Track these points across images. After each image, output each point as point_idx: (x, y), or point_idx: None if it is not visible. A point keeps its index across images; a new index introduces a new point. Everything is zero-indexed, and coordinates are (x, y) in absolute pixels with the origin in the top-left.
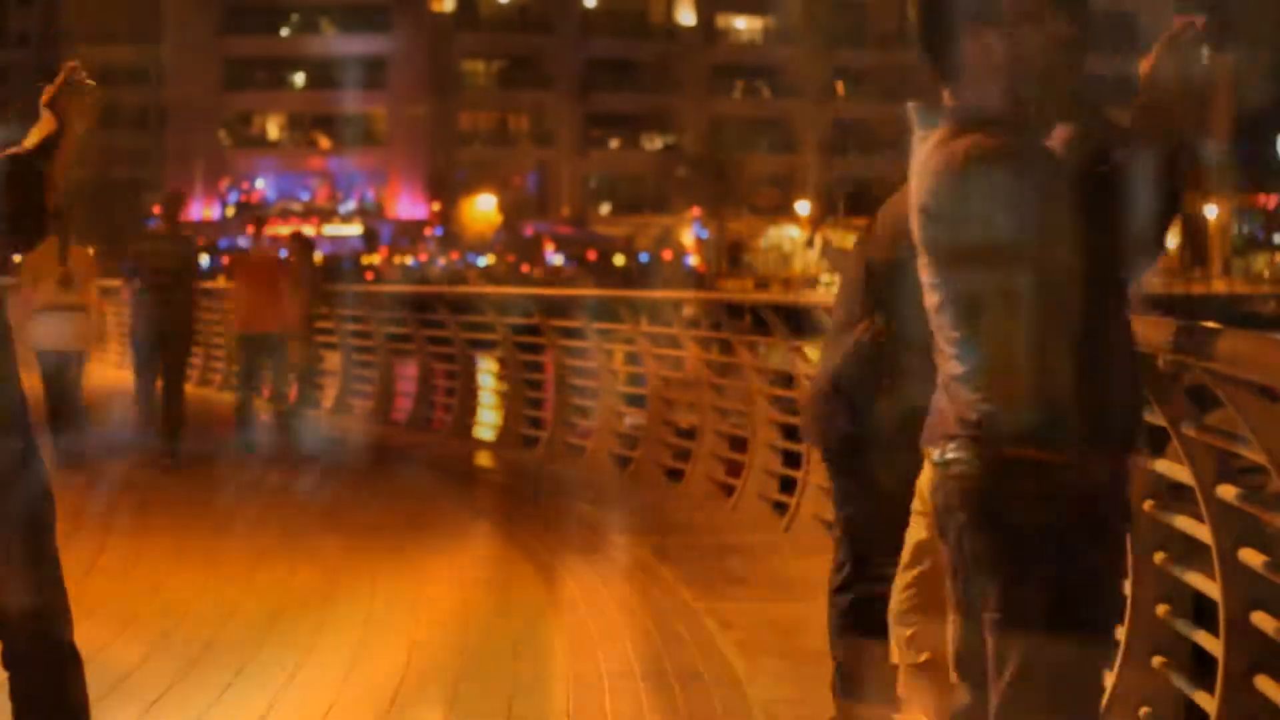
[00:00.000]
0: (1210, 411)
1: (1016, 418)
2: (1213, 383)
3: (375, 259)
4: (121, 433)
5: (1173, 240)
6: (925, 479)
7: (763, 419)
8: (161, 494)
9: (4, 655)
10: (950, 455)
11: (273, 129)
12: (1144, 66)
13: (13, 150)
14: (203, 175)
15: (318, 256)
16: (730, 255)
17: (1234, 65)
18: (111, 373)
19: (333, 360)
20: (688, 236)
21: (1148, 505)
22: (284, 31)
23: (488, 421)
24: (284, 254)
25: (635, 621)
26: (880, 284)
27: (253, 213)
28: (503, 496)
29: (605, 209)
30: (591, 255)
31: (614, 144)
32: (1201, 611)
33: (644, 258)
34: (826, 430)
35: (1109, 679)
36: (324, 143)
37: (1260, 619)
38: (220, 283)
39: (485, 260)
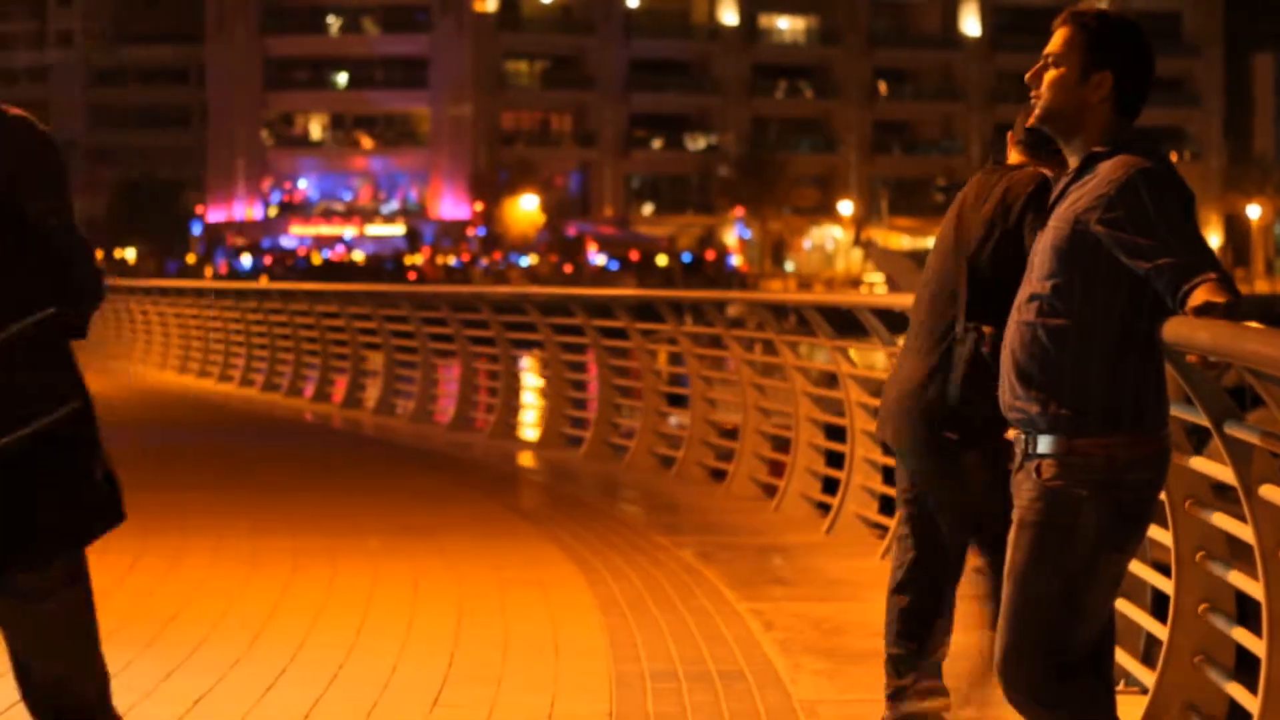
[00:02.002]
0: (1252, 410)
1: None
2: (1254, 382)
3: (418, 259)
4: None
5: (1215, 240)
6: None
7: (805, 419)
8: (201, 494)
9: None
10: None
11: (315, 129)
12: None
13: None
14: (245, 175)
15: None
16: (773, 255)
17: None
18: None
19: (375, 361)
20: (730, 236)
21: (1189, 504)
22: (326, 31)
23: (530, 421)
24: None
25: (678, 621)
26: (989, 292)
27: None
28: (545, 496)
29: (648, 209)
30: (634, 255)
31: (656, 144)
32: (1244, 611)
33: (687, 258)
34: (928, 437)
35: (1151, 678)
36: (366, 142)
37: None
38: (263, 282)
39: (528, 260)
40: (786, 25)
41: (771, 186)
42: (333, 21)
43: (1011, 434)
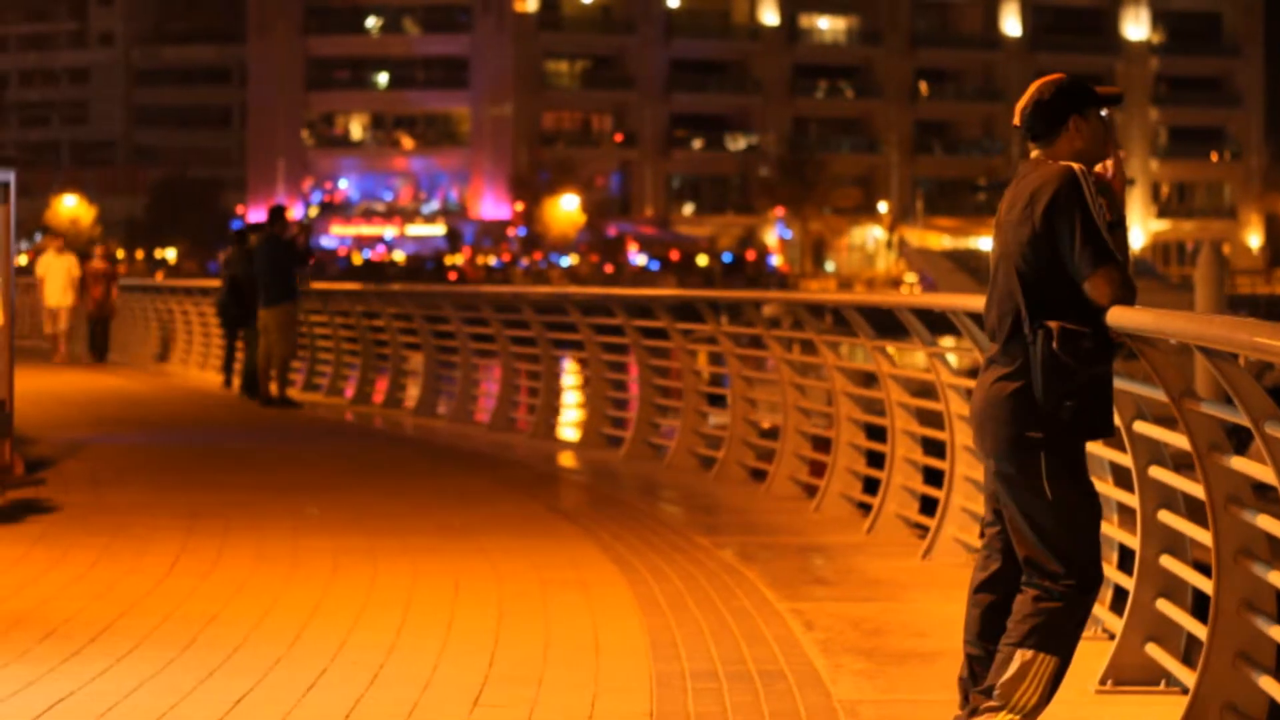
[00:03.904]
0: None
1: None
2: None
3: (458, 259)
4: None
5: (1256, 240)
6: None
7: (846, 419)
8: (242, 493)
9: None
10: None
11: (355, 129)
12: None
13: None
14: (285, 175)
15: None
16: (813, 255)
17: None
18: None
19: (416, 361)
20: (770, 237)
21: (1230, 505)
22: (366, 31)
23: (571, 421)
24: None
25: (718, 621)
26: (1042, 291)
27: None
28: (586, 496)
29: (688, 209)
30: (674, 255)
31: (697, 144)
32: None
33: (727, 258)
34: (1012, 437)
35: (1191, 678)
36: (407, 143)
37: None
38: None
39: (568, 260)
40: (827, 25)
41: (812, 187)
42: (374, 21)
43: None
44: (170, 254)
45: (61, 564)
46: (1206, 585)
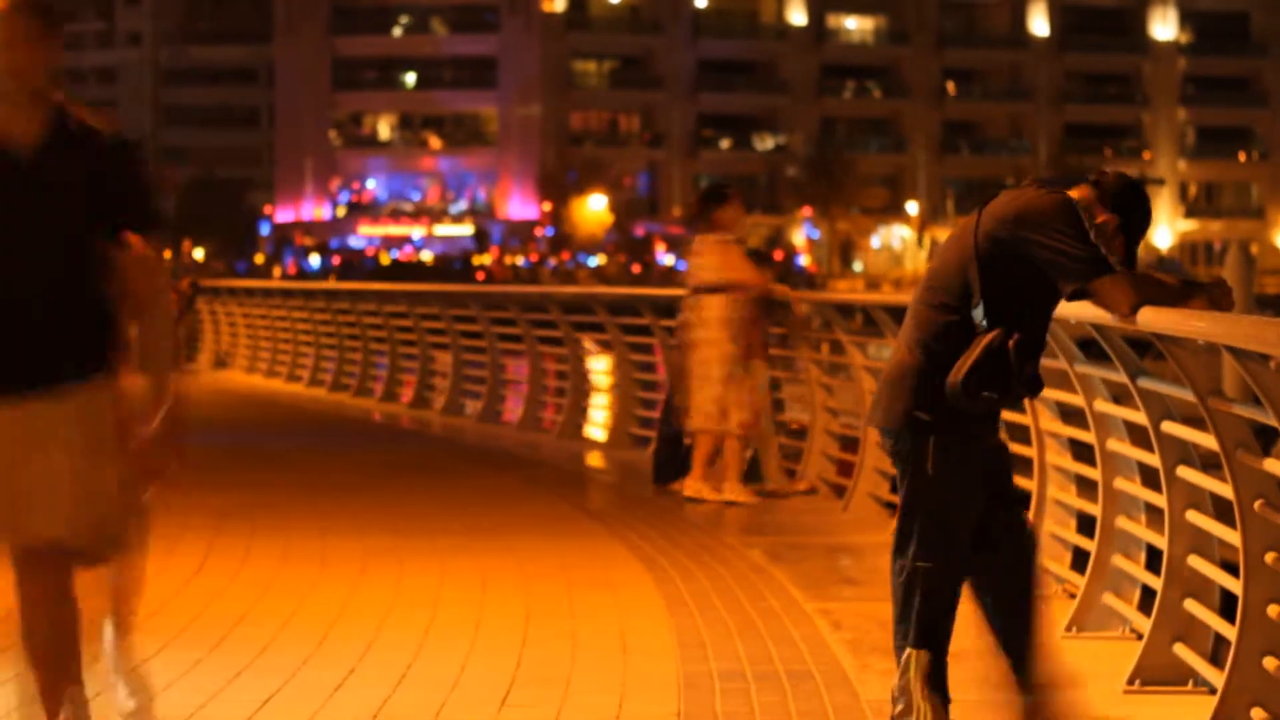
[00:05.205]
0: None
1: None
2: None
3: (486, 259)
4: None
5: None
6: None
7: None
8: (269, 494)
9: None
10: None
11: (383, 129)
12: None
13: None
14: (313, 175)
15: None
16: (841, 255)
17: None
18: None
19: (444, 361)
20: (798, 237)
21: (1258, 505)
22: (394, 31)
23: (598, 421)
24: None
25: (745, 621)
26: (1009, 295)
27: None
28: (613, 496)
29: None
30: None
31: (724, 144)
32: None
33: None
34: (905, 413)
35: (1220, 678)
36: (435, 143)
37: None
38: (331, 282)
39: (596, 260)
40: (855, 25)
41: (840, 187)
42: (401, 21)
43: None
44: (198, 254)
45: None
46: (1234, 585)
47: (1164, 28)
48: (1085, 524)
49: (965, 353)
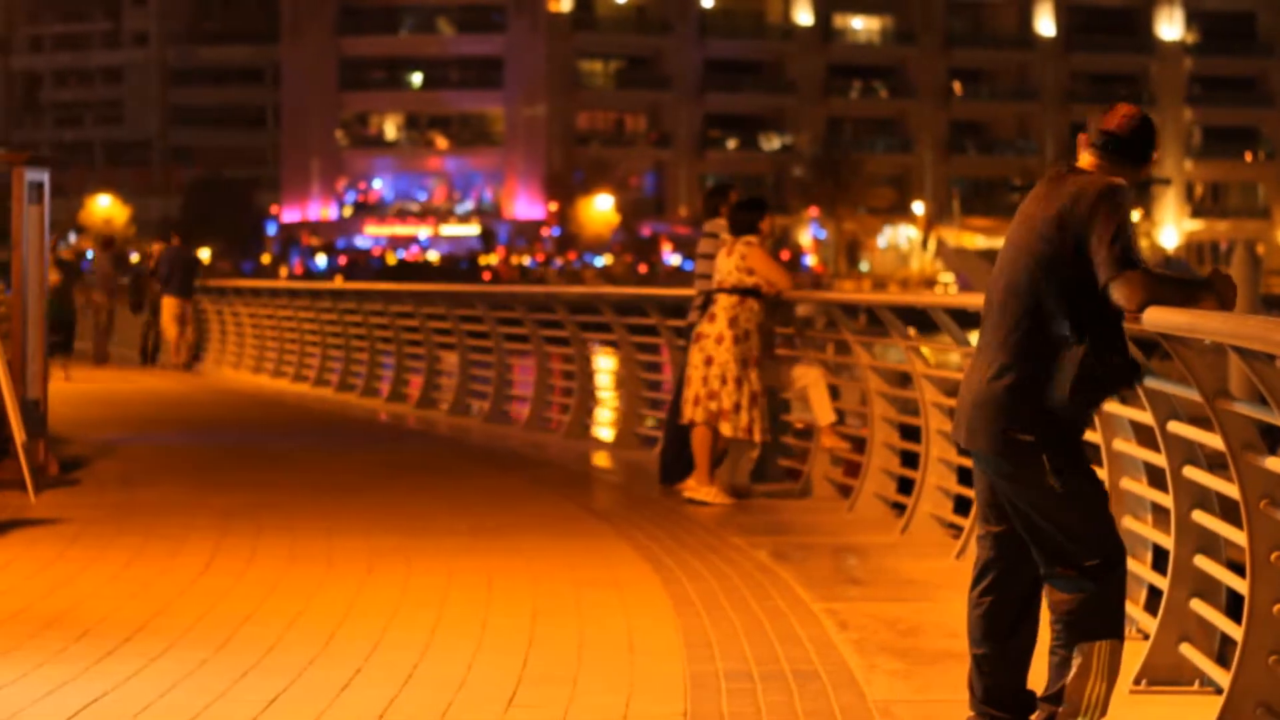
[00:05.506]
0: None
1: None
2: None
3: (492, 259)
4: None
5: None
6: None
7: (880, 419)
8: (276, 494)
9: None
10: None
11: (390, 129)
12: None
13: None
14: (320, 175)
15: None
16: (848, 255)
17: None
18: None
19: (450, 361)
20: (805, 237)
21: (1264, 505)
22: (400, 32)
23: (605, 421)
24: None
25: (752, 621)
26: (1084, 299)
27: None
28: (620, 496)
29: None
30: None
31: (731, 144)
32: None
33: None
34: (1003, 435)
35: (1226, 678)
36: (441, 143)
37: None
38: (337, 282)
39: (602, 260)
40: (861, 25)
41: (846, 187)
42: (407, 22)
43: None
44: (204, 254)
45: (96, 564)
46: (1240, 585)
47: (1170, 28)
48: None
49: (1059, 372)
